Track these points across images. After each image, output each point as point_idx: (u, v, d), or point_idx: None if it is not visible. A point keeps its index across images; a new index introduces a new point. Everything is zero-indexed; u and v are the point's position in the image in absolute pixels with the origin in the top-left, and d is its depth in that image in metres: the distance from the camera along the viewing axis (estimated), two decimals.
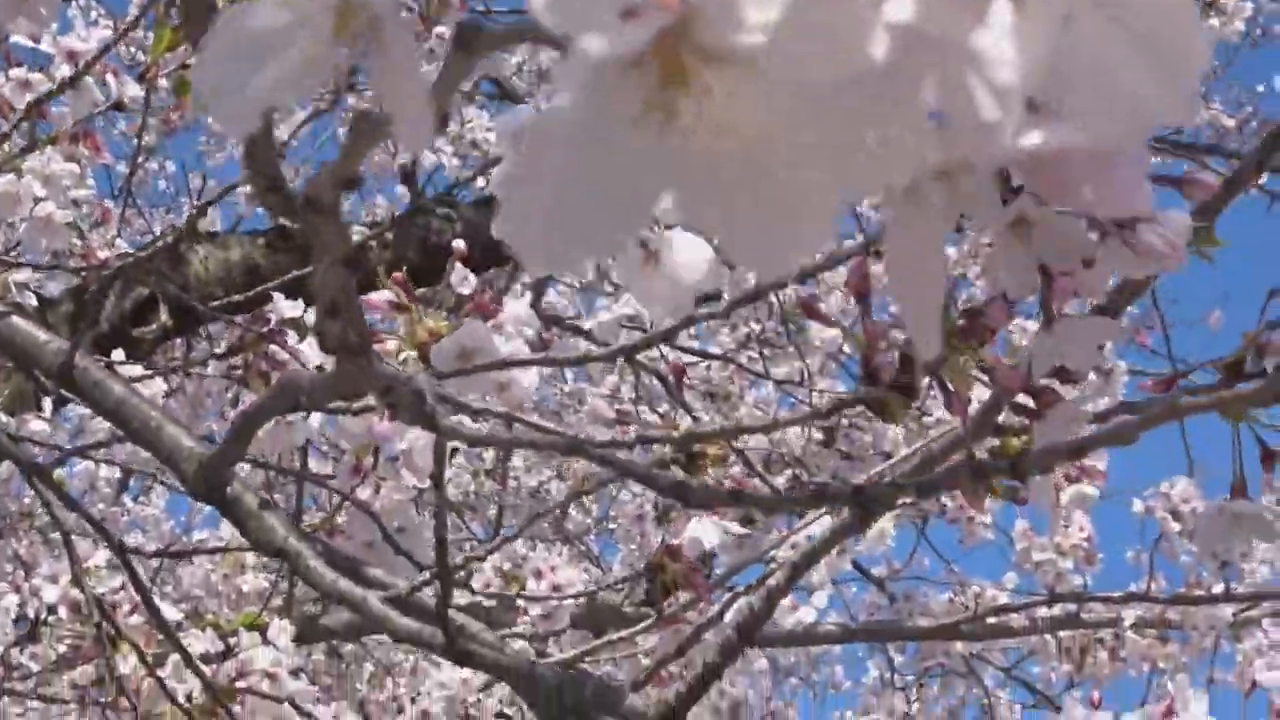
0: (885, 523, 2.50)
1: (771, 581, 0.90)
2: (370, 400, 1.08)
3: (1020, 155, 0.39)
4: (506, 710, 3.28)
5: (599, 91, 0.35)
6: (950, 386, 0.75)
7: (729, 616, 0.92)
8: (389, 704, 3.79)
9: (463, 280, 1.16)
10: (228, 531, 3.96)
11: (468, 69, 0.40)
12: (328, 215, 0.48)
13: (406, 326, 1.11)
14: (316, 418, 1.50)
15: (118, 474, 4.41)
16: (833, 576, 2.69)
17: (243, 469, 1.29)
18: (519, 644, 1.62)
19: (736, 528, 1.21)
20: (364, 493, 1.32)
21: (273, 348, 1.52)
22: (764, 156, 0.37)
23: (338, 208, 0.48)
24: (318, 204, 0.47)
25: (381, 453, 1.33)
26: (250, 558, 4.59)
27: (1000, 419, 0.79)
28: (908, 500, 0.55)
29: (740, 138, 0.37)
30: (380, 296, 1.12)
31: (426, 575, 1.01)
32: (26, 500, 4.09)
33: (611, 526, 5.36)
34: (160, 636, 1.75)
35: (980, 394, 0.82)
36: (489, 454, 5.32)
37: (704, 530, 1.15)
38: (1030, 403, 0.78)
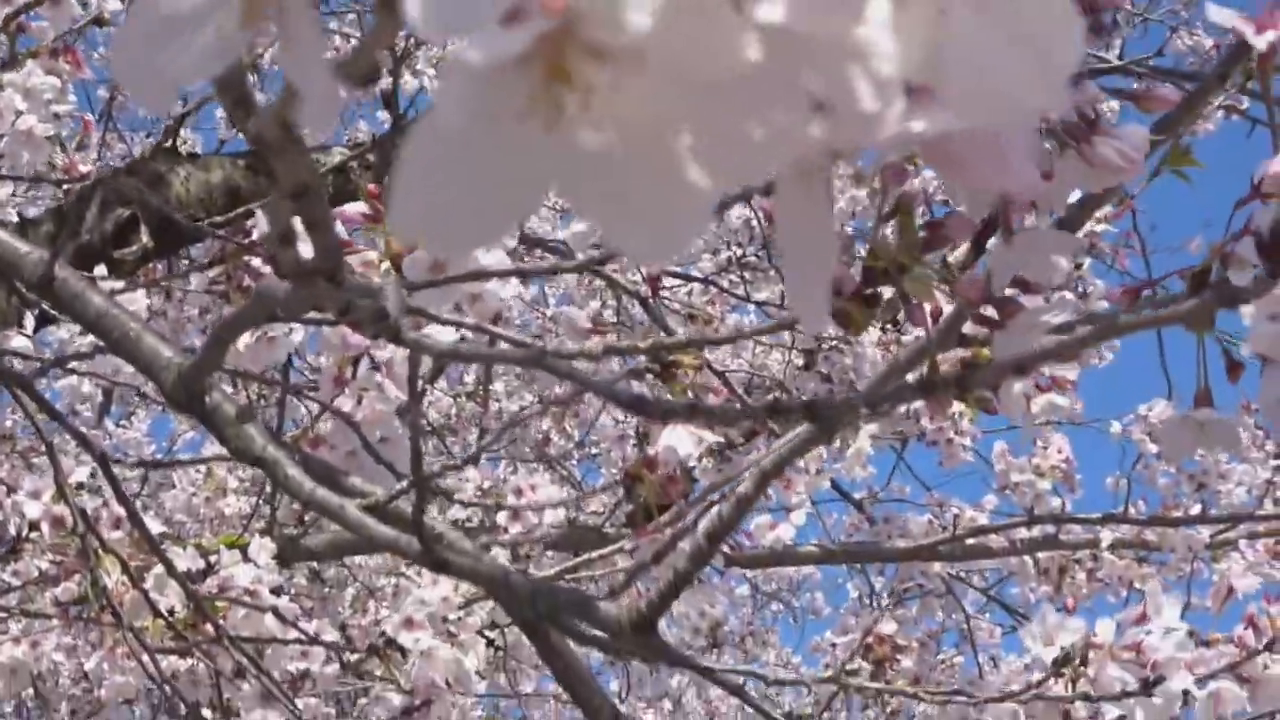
0: (863, 441, 2.52)
1: (741, 489, 0.91)
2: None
3: (907, 138, 0.40)
4: (487, 633, 3.31)
5: (482, 92, 0.36)
6: (913, 299, 0.76)
7: (701, 525, 0.93)
8: (371, 628, 3.81)
9: None
10: (212, 453, 3.98)
11: (394, 28, 0.40)
12: (277, 150, 0.49)
13: (381, 239, 1.12)
14: (298, 333, 1.50)
15: (100, 398, 4.42)
16: (812, 496, 2.71)
17: (227, 387, 1.30)
18: (496, 552, 1.63)
19: (711, 435, 1.21)
20: (346, 404, 1.32)
21: (254, 261, 1.52)
22: (647, 149, 0.38)
23: (288, 143, 0.49)
24: (264, 140, 0.49)
25: (362, 364, 1.34)
26: (232, 481, 4.61)
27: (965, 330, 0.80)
28: (862, 413, 0.56)
29: (625, 131, 0.38)
30: (355, 209, 1.13)
31: (404, 484, 1.02)
32: (8, 423, 4.10)
33: (594, 451, 5.37)
34: (143, 552, 1.76)
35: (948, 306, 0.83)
36: (470, 377, 5.33)
37: (679, 438, 1.16)
38: (993, 313, 0.78)
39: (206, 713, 2.67)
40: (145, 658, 2.02)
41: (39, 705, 4.71)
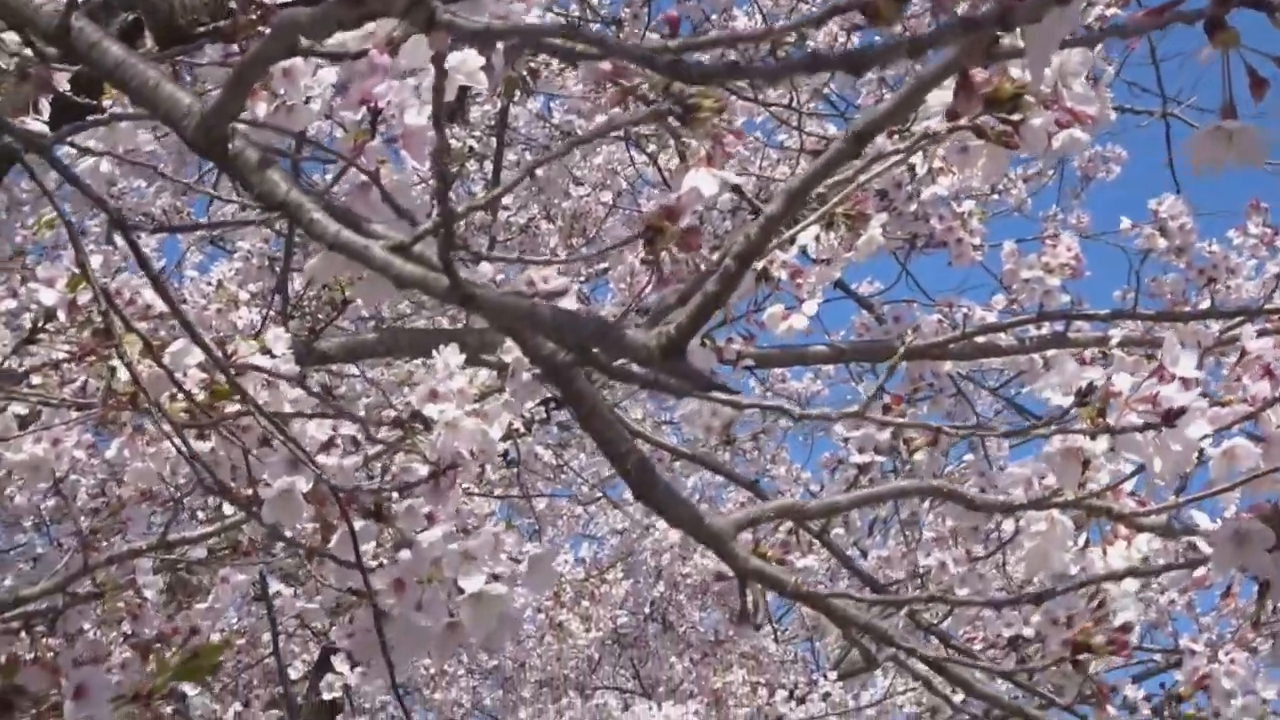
0: (874, 230, 2.50)
1: (769, 209, 0.90)
2: (371, 38, 1.08)
3: None
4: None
5: None
6: None
7: (732, 247, 0.93)
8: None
9: None
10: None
11: None
12: None
13: None
14: (316, 105, 1.49)
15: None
16: (823, 288, 2.70)
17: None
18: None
19: (733, 177, 1.20)
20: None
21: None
22: None
23: None
24: None
25: (378, 133, 1.33)
26: (244, 294, 4.61)
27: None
28: (898, 59, 0.54)
29: None
30: None
31: (429, 223, 1.02)
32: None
33: (604, 265, 5.37)
34: (164, 326, 1.77)
35: None
36: (478, 187, 5.31)
37: (702, 179, 1.14)
38: None
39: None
40: (166, 444, 2.04)
41: (59, 506, 4.76)
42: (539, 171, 5.00)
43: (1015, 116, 1.09)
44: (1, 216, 4.35)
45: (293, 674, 5.81)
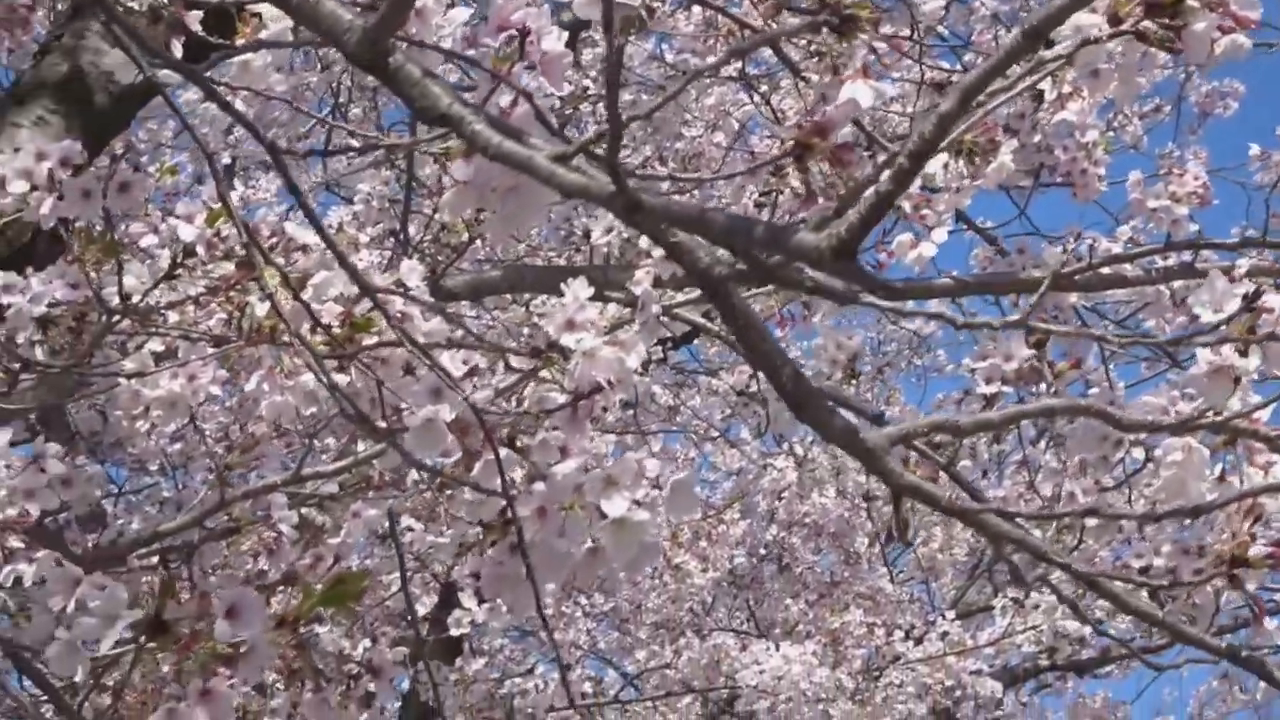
0: (1004, 157, 2.48)
1: (943, 107, 0.89)
2: None
3: None
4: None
5: None
6: None
7: (906, 145, 0.91)
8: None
9: None
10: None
11: None
12: None
13: None
14: (447, 44, 1.49)
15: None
16: (949, 217, 2.69)
17: None
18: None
19: (889, 89, 1.19)
20: (504, 99, 1.32)
21: None
22: None
23: None
24: None
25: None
26: (364, 236, 4.65)
27: None
28: None
29: None
30: None
31: (593, 131, 1.01)
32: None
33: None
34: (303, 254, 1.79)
35: None
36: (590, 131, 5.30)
37: (858, 90, 1.13)
38: None
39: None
40: (303, 378, 2.06)
41: (185, 449, 4.83)
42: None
43: (1178, 21, 1.07)
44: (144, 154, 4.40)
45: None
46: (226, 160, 5.96)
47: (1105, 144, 3.84)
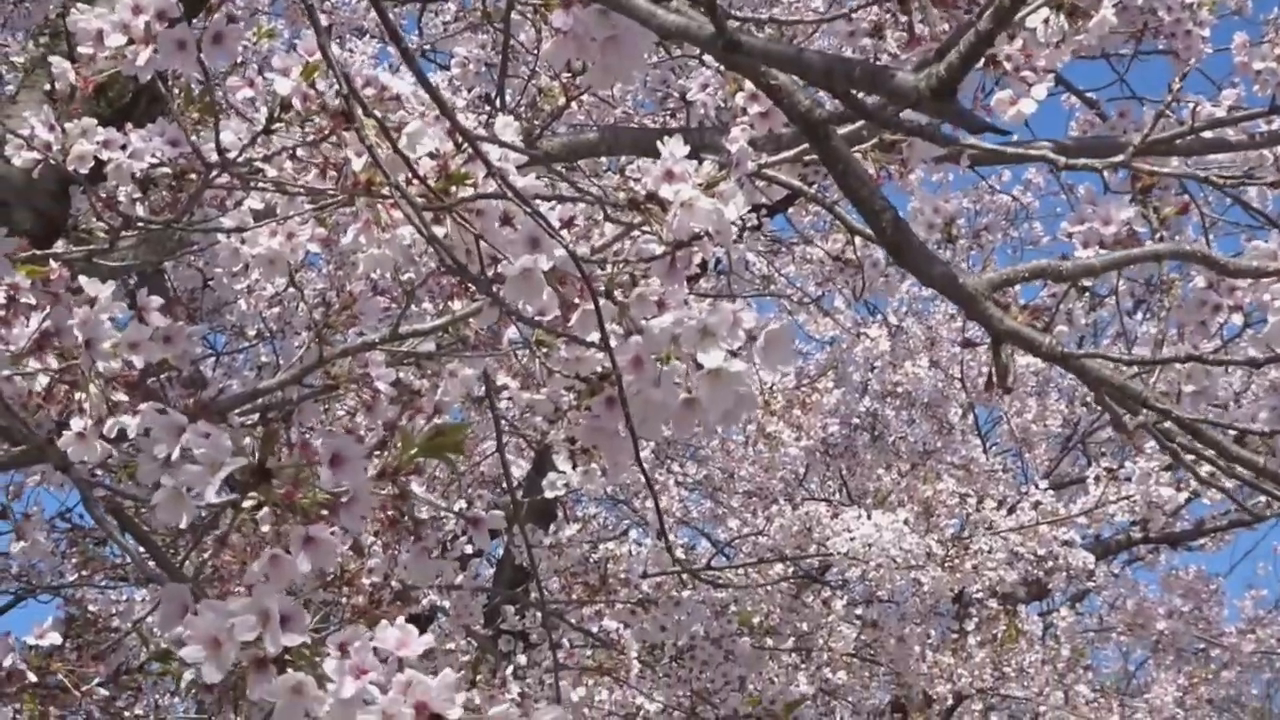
0: (1106, 9, 2.44)
1: None
2: None
3: None
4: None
5: None
6: None
7: None
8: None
9: None
10: None
11: None
12: None
13: None
14: None
15: None
16: (1050, 75, 2.64)
17: None
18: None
19: None
20: None
21: None
22: None
23: None
24: None
25: None
26: (460, 100, 4.65)
27: None
28: None
29: None
30: None
31: None
32: None
33: None
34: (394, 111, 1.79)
35: None
36: None
37: None
38: None
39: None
40: (400, 231, 2.07)
41: (282, 314, 4.88)
42: None
43: None
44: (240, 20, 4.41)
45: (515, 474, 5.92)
46: (325, 22, 5.96)
47: (1210, 4, 3.77)
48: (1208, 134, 3.60)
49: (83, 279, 2.16)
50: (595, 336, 1.70)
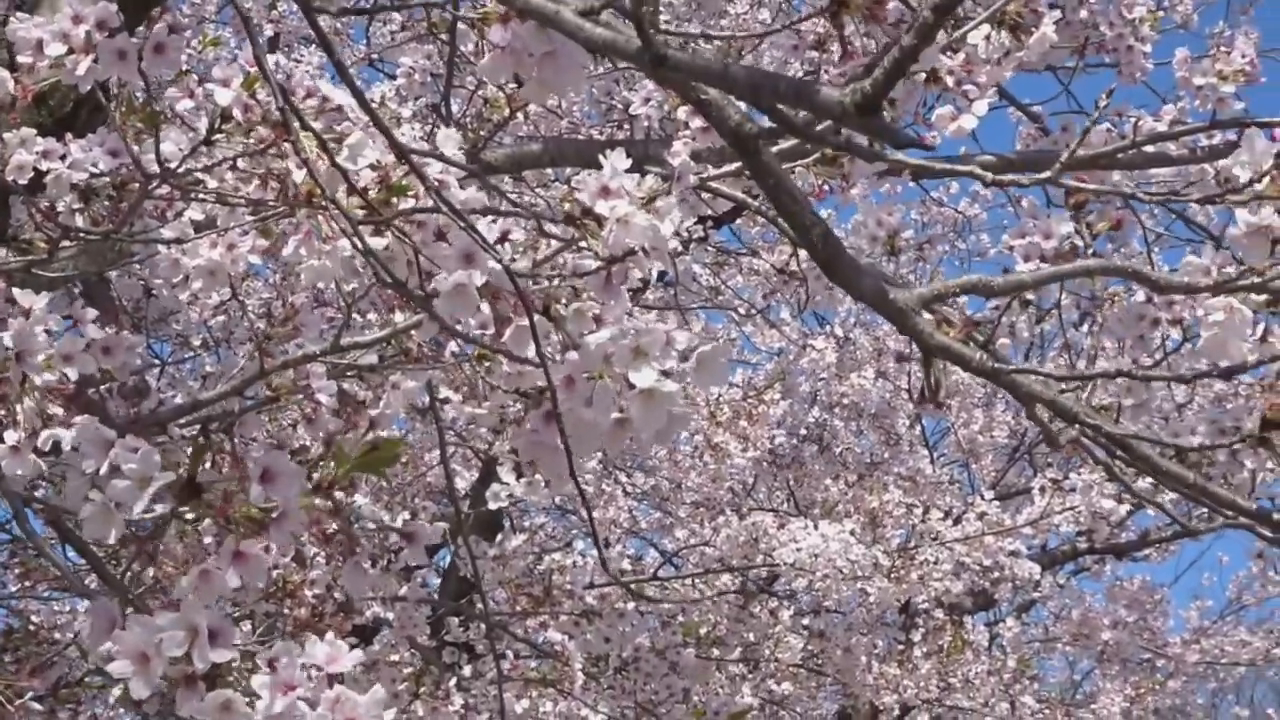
0: (1047, 27, 2.46)
1: None
2: None
3: None
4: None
5: None
6: None
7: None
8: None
9: None
10: None
11: None
12: None
13: None
14: None
15: None
16: (991, 89, 2.66)
17: None
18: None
19: None
20: None
21: None
22: None
23: None
24: None
25: None
26: (405, 110, 4.64)
27: None
28: None
29: None
30: None
31: None
32: None
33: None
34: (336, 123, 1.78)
35: None
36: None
37: None
38: None
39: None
40: (340, 243, 2.06)
41: (227, 324, 4.86)
42: None
43: None
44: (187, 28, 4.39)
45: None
46: (269, 33, 5.95)
47: (1153, 20, 3.80)
48: (1149, 148, 3.62)
49: (15, 290, 2.14)
50: (531, 352, 1.70)
